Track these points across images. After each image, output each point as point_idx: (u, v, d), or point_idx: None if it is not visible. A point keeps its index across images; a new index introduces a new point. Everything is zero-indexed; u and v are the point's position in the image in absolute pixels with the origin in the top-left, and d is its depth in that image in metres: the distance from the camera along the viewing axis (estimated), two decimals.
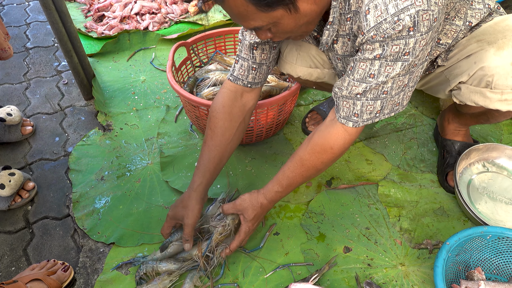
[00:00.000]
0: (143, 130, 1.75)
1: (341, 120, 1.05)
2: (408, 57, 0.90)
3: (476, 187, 1.47)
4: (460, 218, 1.41)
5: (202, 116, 1.50)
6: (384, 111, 1.02)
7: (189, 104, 1.49)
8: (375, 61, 0.93)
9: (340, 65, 1.19)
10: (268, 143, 1.67)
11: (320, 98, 1.90)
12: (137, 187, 1.51)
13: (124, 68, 2.11)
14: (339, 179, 1.54)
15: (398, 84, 0.97)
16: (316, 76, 1.38)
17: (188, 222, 1.19)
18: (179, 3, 2.52)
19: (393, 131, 1.72)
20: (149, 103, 1.89)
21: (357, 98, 1.00)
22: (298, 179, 1.15)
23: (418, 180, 1.53)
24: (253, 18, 0.86)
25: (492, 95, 1.09)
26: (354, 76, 0.98)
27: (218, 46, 1.83)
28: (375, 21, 0.86)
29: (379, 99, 0.99)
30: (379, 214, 1.42)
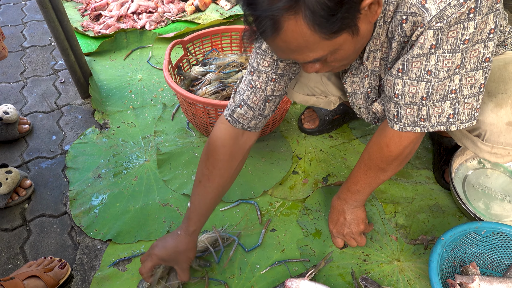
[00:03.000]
0: (140, 128, 1.75)
1: (406, 128, 0.95)
2: (467, 45, 0.80)
3: (472, 183, 1.48)
4: (455, 214, 1.42)
5: (198, 113, 1.51)
6: (460, 117, 0.91)
7: (186, 102, 1.50)
8: (430, 56, 0.83)
9: (367, 82, 1.11)
10: (264, 141, 1.68)
11: None
12: (134, 185, 1.52)
13: (121, 67, 2.11)
14: (335, 176, 1.55)
15: (470, 82, 0.87)
16: (311, 103, 1.39)
17: (184, 266, 1.13)
18: (176, 2, 2.52)
19: None
20: (146, 101, 1.90)
21: (422, 104, 0.90)
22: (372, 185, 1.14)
23: (413, 176, 1.54)
24: (313, 49, 0.77)
25: (483, 146, 1.07)
26: (410, 75, 0.88)
27: (215, 44, 1.84)
28: (437, 8, 0.77)
29: (447, 100, 0.89)
30: (375, 210, 1.43)
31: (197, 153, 1.61)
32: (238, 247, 1.32)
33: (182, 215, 1.41)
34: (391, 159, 1.04)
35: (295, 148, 1.65)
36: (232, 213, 1.43)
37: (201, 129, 1.63)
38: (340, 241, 1.29)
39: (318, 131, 1.70)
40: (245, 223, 1.39)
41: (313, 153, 1.63)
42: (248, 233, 1.36)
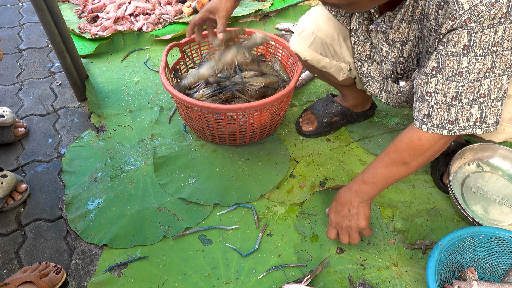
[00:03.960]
0: (137, 131, 1.74)
1: (434, 129, 1.00)
2: (497, 48, 0.84)
3: (470, 187, 1.47)
4: (453, 218, 1.41)
5: (195, 117, 1.50)
6: (487, 121, 0.95)
7: (182, 105, 1.49)
8: (463, 57, 0.87)
9: (385, 50, 1.17)
10: (262, 144, 1.67)
11: (314, 98, 1.90)
12: (130, 189, 1.51)
13: (118, 69, 2.10)
14: (332, 180, 1.54)
15: (497, 87, 0.90)
16: (322, 65, 1.40)
17: (222, 14, 1.28)
18: (174, 4, 2.52)
19: (386, 131, 1.72)
20: (142, 104, 1.89)
21: (451, 105, 0.94)
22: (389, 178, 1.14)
23: (411, 180, 1.53)
24: None
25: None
26: (443, 74, 0.92)
27: (212, 46, 1.82)
28: (470, 3, 0.80)
29: (475, 104, 0.93)
30: (373, 214, 1.42)
31: (194, 156, 1.60)
32: (234, 252, 1.31)
33: (178, 220, 1.40)
34: (420, 152, 1.06)
35: (292, 152, 1.64)
36: (229, 217, 1.42)
37: (198, 132, 1.62)
38: (334, 232, 1.25)
39: (316, 134, 1.69)
40: (242, 227, 1.39)
41: (311, 157, 1.62)
42: (245, 238, 1.35)
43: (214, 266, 1.28)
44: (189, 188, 1.48)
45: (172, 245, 1.34)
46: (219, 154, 1.61)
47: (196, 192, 1.47)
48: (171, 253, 1.31)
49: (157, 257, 1.30)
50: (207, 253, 1.31)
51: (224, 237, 1.35)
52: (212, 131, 1.54)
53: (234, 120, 1.46)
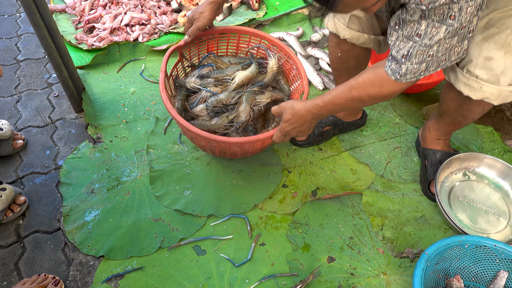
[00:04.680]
0: (133, 142, 1.78)
1: (388, 70, 1.11)
2: (453, 21, 0.95)
3: (457, 195, 1.51)
4: (441, 226, 1.45)
5: (198, 139, 1.47)
6: (429, 69, 1.09)
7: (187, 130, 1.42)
8: (421, 21, 0.98)
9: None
10: (255, 155, 1.70)
11: None
12: (127, 200, 1.54)
13: (114, 80, 2.14)
14: (324, 189, 1.58)
15: (445, 47, 1.02)
16: (362, 41, 1.43)
17: (197, 24, 1.52)
18: (169, 13, 2.55)
19: (377, 140, 1.76)
20: (138, 115, 1.92)
21: (402, 62, 1.06)
22: (340, 101, 1.21)
23: (401, 189, 1.58)
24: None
25: (461, 77, 1.20)
26: (403, 32, 1.04)
27: (211, 47, 1.81)
28: None
29: (424, 62, 1.05)
30: (363, 223, 1.46)
31: (189, 169, 1.64)
32: (228, 262, 1.35)
33: (174, 230, 1.44)
34: (378, 98, 1.18)
35: (285, 161, 1.68)
36: (223, 227, 1.45)
37: (199, 147, 1.61)
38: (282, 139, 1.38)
39: (308, 143, 1.73)
40: (236, 237, 1.42)
41: (303, 166, 1.66)
42: (238, 248, 1.39)
43: (208, 276, 1.32)
44: (184, 199, 1.52)
45: (168, 256, 1.37)
46: (213, 166, 1.65)
47: (191, 203, 1.51)
48: (167, 263, 1.35)
49: (152, 268, 1.34)
50: (202, 263, 1.35)
51: (218, 247, 1.39)
52: (214, 149, 1.52)
53: (238, 147, 1.46)
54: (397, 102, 1.93)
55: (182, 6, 2.55)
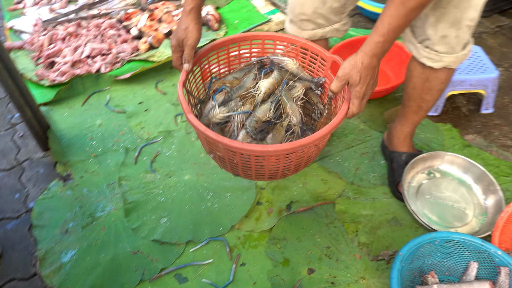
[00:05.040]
0: (104, 176, 1.77)
1: None
2: None
3: (424, 194, 1.58)
4: (412, 226, 1.50)
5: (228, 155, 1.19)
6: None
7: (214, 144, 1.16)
8: None
9: None
10: (227, 174, 1.73)
11: None
12: (103, 236, 1.53)
13: (79, 114, 2.13)
14: (298, 202, 1.61)
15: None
16: (320, 36, 1.48)
17: (188, 43, 1.22)
18: (130, 41, 2.56)
19: (344, 148, 1.81)
20: (107, 147, 1.92)
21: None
22: (400, 21, 1.05)
23: (371, 193, 1.63)
24: None
25: (422, 52, 1.34)
26: None
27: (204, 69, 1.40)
28: None
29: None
30: (338, 231, 1.50)
31: (164, 197, 1.64)
32: (210, 287, 1.36)
33: (153, 261, 1.44)
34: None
35: None
36: (202, 252, 1.47)
37: (221, 165, 1.31)
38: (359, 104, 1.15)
39: None
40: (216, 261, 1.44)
41: (275, 182, 1.69)
42: (219, 271, 1.40)
43: None
44: (161, 228, 1.53)
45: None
46: (187, 192, 1.66)
47: (168, 231, 1.51)
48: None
49: None
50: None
51: (199, 273, 1.40)
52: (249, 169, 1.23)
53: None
54: None
55: (142, 33, 2.56)
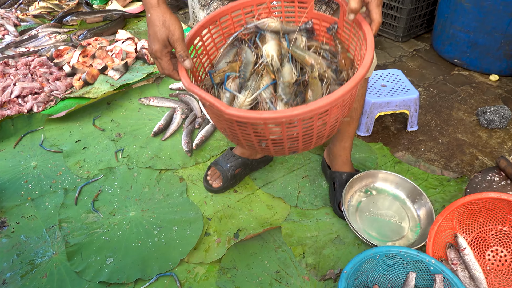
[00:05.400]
0: (43, 219, 1.70)
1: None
2: None
3: (363, 211, 1.67)
4: (354, 243, 1.58)
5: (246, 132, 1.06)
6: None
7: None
8: None
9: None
10: (172, 207, 1.72)
11: (216, 153, 2.01)
12: (45, 283, 1.46)
13: (11, 156, 2.03)
14: (245, 230, 1.64)
15: None
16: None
17: (175, 37, 1.07)
18: (63, 78, 2.50)
19: (286, 173, 1.88)
20: (45, 189, 1.84)
21: None
22: None
23: (314, 215, 1.70)
24: None
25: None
26: None
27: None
28: None
29: None
30: (286, 255, 1.54)
31: (108, 237, 1.60)
32: None
33: None
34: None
35: (204, 210, 1.72)
36: None
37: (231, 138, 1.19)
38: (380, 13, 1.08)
39: (223, 188, 1.79)
40: None
41: (222, 211, 1.71)
42: None
43: None
44: (108, 269, 1.48)
45: None
46: (133, 228, 1.64)
47: (115, 272, 1.47)
48: None
49: None
50: None
51: None
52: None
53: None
54: None
55: (75, 69, 2.52)
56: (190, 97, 2.33)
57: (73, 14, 3.20)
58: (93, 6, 3.45)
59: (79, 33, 2.97)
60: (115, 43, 2.81)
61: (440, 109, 2.26)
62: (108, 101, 2.38)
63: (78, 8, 3.46)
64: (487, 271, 1.42)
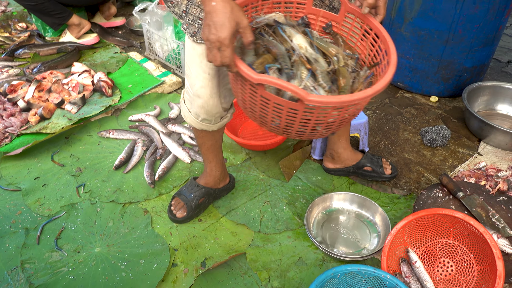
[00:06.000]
0: (4, 262, 1.66)
1: None
2: None
3: (328, 229, 1.78)
4: (316, 263, 1.67)
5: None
6: None
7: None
8: None
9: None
10: (138, 240, 1.74)
11: (179, 183, 2.05)
12: None
13: None
14: (211, 258, 1.69)
15: None
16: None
17: (245, 24, 1.07)
18: (18, 114, 2.46)
19: (248, 199, 1.95)
20: (4, 230, 1.81)
21: None
22: None
23: (277, 239, 1.77)
24: None
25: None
26: None
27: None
28: None
29: None
30: (252, 280, 1.60)
31: (74, 275, 1.60)
32: None
33: None
34: None
35: (169, 241, 1.75)
36: None
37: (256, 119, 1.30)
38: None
39: (188, 218, 1.84)
40: None
41: (188, 241, 1.75)
42: None
43: None
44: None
45: None
46: (99, 265, 1.64)
47: None
48: None
49: None
50: None
51: None
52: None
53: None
54: (258, 160, 2.17)
55: (31, 105, 2.49)
56: (150, 129, 2.37)
57: (25, 47, 3.16)
58: (45, 38, 3.41)
59: (33, 67, 2.93)
60: (71, 76, 2.80)
61: (388, 130, 2.43)
62: (67, 136, 2.37)
63: (30, 41, 3.41)
64: (436, 281, 1.55)
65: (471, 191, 1.85)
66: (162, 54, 3.06)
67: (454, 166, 2.16)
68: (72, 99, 2.52)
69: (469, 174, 2.04)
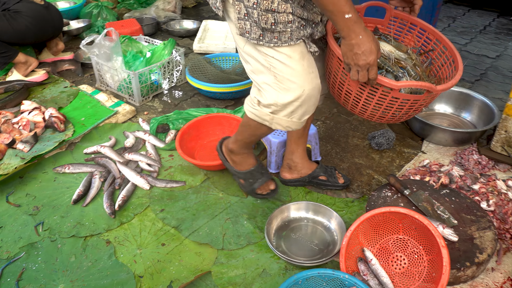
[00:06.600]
0: None
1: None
2: None
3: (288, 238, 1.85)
4: (279, 273, 1.73)
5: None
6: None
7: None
8: None
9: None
10: (102, 272, 1.74)
11: (139, 210, 2.06)
12: None
13: None
14: (178, 280, 1.71)
15: None
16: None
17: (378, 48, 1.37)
18: None
19: (210, 219, 2.00)
20: None
21: None
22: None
23: (241, 254, 1.82)
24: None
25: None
26: None
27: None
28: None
29: None
30: None
31: None
32: None
33: None
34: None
35: (134, 269, 1.76)
36: None
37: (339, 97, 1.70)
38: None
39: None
40: None
41: (152, 266, 1.77)
42: None
43: None
44: None
45: None
46: None
47: None
48: None
49: None
50: None
51: None
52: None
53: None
54: (216, 179, 2.23)
55: None
56: (107, 159, 2.37)
57: None
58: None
59: None
60: (21, 114, 2.76)
61: (338, 138, 2.55)
62: (21, 175, 2.33)
63: None
64: (392, 276, 1.64)
65: (417, 188, 1.98)
66: (113, 85, 3.08)
67: (401, 166, 2.30)
68: (23, 138, 2.49)
69: (415, 172, 2.18)
